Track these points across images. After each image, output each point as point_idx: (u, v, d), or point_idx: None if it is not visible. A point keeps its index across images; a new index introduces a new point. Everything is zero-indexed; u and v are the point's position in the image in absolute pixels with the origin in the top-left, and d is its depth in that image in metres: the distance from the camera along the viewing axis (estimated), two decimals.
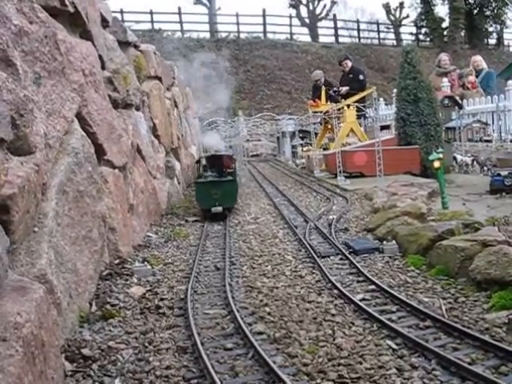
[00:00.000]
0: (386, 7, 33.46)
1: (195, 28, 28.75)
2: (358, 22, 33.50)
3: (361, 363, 2.60)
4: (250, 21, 29.62)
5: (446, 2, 31.16)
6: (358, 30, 33.11)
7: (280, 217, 6.61)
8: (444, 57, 12.97)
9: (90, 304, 3.51)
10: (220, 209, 6.60)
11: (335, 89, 13.21)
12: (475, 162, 9.32)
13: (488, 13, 32.51)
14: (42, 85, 3.36)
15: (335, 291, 3.68)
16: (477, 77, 12.49)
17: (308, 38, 31.52)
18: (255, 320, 3.26)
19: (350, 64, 13.85)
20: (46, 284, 2.69)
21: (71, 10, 4.22)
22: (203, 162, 7.74)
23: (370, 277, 3.88)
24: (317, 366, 2.60)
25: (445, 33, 31.66)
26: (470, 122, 10.63)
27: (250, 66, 26.79)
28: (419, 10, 32.50)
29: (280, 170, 13.24)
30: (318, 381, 2.48)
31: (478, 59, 13.18)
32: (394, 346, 2.77)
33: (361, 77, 13.59)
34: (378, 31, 33.85)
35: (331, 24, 32.38)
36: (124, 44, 6.49)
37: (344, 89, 13.03)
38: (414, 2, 32.62)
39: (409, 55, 9.49)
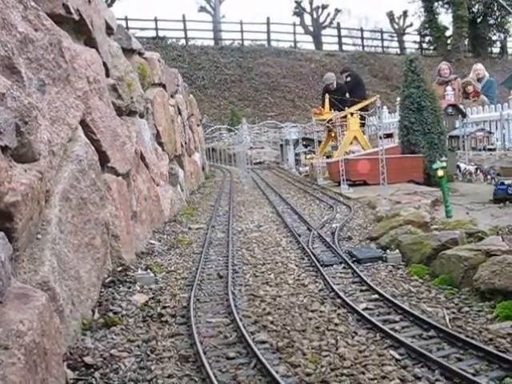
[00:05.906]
0: (390, 16, 33.68)
1: (199, 35, 29.10)
2: (361, 30, 33.73)
3: (364, 373, 2.58)
4: (254, 28, 29.83)
5: (450, 10, 31.32)
6: (362, 38, 33.33)
7: (283, 225, 6.59)
8: (443, 66, 13.06)
9: (93, 311, 3.49)
10: None
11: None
12: (479, 171, 9.30)
13: (492, 21, 32.68)
14: (46, 92, 3.37)
15: (338, 300, 3.66)
16: None
17: (312, 46, 31.72)
18: (258, 329, 3.24)
19: (346, 74, 14.12)
20: (48, 291, 2.69)
21: (76, 17, 4.24)
22: None
23: (374, 286, 3.86)
24: (319, 376, 2.57)
25: (448, 41, 31.79)
26: (473, 130, 10.64)
27: (253, 74, 26.91)
28: (423, 18, 32.68)
29: (283, 178, 13.23)
30: None
31: (479, 67, 13.23)
32: (398, 356, 2.74)
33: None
34: (382, 39, 34.06)
35: (335, 32, 32.61)
36: (128, 51, 6.52)
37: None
38: (418, 10, 32.86)
39: (412, 64, 9.51)
